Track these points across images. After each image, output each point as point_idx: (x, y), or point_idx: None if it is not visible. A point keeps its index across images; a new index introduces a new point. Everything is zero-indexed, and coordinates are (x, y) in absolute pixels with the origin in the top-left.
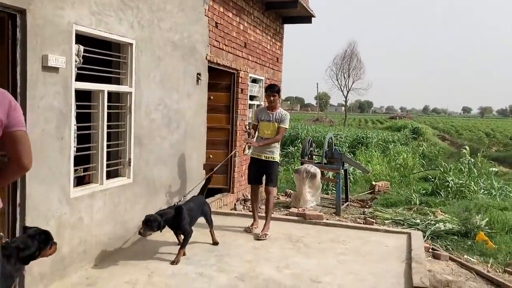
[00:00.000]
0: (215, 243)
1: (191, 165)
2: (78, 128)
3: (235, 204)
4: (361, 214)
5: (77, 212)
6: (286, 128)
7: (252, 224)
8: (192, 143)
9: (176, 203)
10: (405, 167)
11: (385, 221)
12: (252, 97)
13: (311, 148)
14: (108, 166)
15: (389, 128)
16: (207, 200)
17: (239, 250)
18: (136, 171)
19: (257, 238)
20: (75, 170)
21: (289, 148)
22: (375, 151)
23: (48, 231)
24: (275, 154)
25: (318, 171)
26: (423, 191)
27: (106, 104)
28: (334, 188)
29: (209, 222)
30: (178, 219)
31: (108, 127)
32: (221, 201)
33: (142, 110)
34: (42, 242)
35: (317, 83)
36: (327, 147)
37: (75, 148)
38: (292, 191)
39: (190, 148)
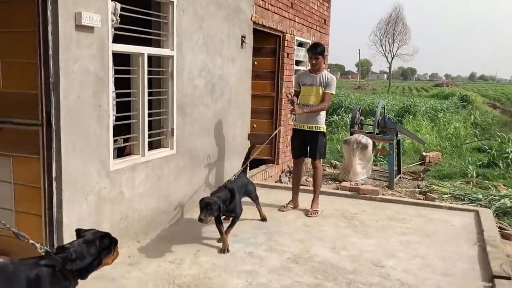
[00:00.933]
0: (263, 218)
1: (235, 135)
2: (117, 95)
3: (280, 176)
4: (415, 188)
5: (118, 186)
6: (333, 94)
7: (289, 203)
8: (236, 112)
9: (225, 183)
10: (457, 137)
11: (443, 196)
12: (298, 62)
13: (361, 117)
14: (150, 136)
15: (436, 96)
16: (251, 171)
17: (289, 228)
18: (180, 141)
19: (307, 215)
20: (115, 141)
21: (332, 117)
22: (424, 120)
23: (109, 234)
24: (321, 123)
25: (369, 142)
26: (479, 163)
27: (146, 68)
28: (382, 160)
29: (254, 199)
30: (232, 202)
31: (149, 94)
32: (266, 172)
33: (185, 76)
34: (104, 248)
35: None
36: (379, 116)
37: (114, 117)
38: (338, 162)
39: (234, 117)
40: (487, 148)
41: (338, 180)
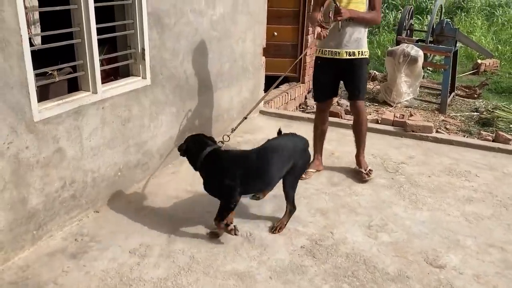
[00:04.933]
0: None
1: (245, 51)
2: (45, 3)
3: (305, 97)
4: (473, 112)
5: (52, 142)
6: None
7: (310, 166)
8: (245, 18)
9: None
10: None
11: (510, 126)
12: None
13: (411, 21)
14: (109, 62)
15: None
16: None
17: (308, 188)
18: (157, 66)
19: (363, 179)
20: (45, 74)
21: None
22: (478, 19)
23: None
24: (364, 45)
25: (420, 54)
26: None
27: None
28: (429, 71)
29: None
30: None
31: None
32: (288, 95)
33: None
34: None
35: None
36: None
37: (39, 38)
38: (377, 73)
39: (243, 26)
40: None
41: (378, 101)
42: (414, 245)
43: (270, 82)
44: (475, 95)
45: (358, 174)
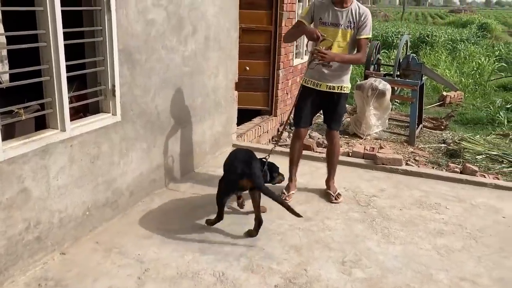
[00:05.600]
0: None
1: (217, 86)
2: (12, 40)
3: (278, 130)
4: (441, 143)
5: (17, 182)
6: (369, 39)
7: (288, 188)
8: (218, 55)
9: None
10: (481, 73)
11: (476, 158)
12: None
13: (378, 56)
14: (79, 98)
15: (452, 24)
16: (240, 127)
17: (282, 223)
18: (127, 103)
19: (331, 200)
20: (11, 113)
21: None
22: (442, 53)
23: None
24: (347, 81)
25: (388, 88)
26: (508, 106)
27: None
28: (398, 104)
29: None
30: None
31: (71, 35)
32: (260, 128)
33: (132, 7)
34: None
35: None
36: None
37: (6, 76)
38: (348, 106)
39: (215, 62)
40: None
41: (348, 133)
42: (388, 280)
43: (243, 115)
44: (442, 127)
45: (327, 195)
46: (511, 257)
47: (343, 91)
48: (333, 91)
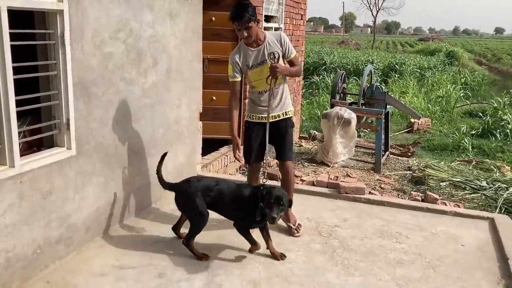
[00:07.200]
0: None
1: (179, 117)
2: None
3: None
4: (406, 170)
5: None
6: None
7: None
8: (180, 86)
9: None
10: (447, 100)
11: (440, 184)
12: (268, 18)
13: (344, 85)
14: (31, 133)
15: (421, 52)
16: (206, 157)
17: (240, 257)
18: (83, 136)
19: (292, 233)
20: None
21: (312, 78)
22: (411, 81)
23: None
24: (289, 105)
25: (353, 117)
26: (473, 132)
27: (6, 30)
28: (366, 132)
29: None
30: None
31: (24, 69)
32: (227, 157)
33: (88, 40)
34: None
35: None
36: (367, 83)
37: None
38: (317, 133)
39: (177, 93)
40: (478, 112)
41: (316, 161)
42: None
43: (209, 145)
44: (409, 154)
45: (288, 229)
46: (467, 286)
47: (288, 116)
48: (281, 118)
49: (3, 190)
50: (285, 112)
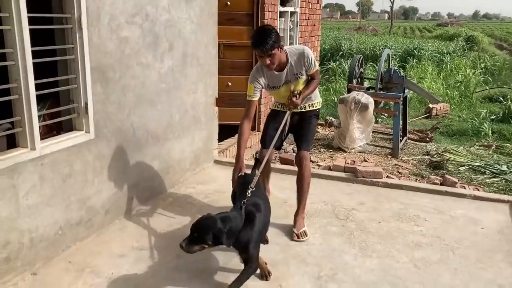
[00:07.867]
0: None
1: (196, 102)
2: None
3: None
4: (424, 155)
5: None
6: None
7: None
8: (196, 71)
9: (242, 203)
10: (467, 85)
11: (459, 169)
12: (284, 2)
13: (361, 69)
14: (50, 117)
15: (440, 37)
16: (221, 143)
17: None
18: (101, 120)
19: (293, 238)
20: None
21: (329, 64)
22: (429, 66)
23: None
24: (317, 96)
25: (371, 101)
26: (492, 117)
27: (24, 12)
28: (384, 117)
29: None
30: (247, 234)
31: (42, 53)
32: None
33: (104, 24)
34: None
35: None
36: (384, 68)
37: None
38: (334, 119)
39: (193, 78)
40: (499, 97)
41: (333, 147)
42: None
43: (225, 131)
44: (427, 139)
45: (292, 232)
46: (488, 269)
47: (315, 107)
48: (304, 110)
49: (25, 172)
50: (311, 104)
